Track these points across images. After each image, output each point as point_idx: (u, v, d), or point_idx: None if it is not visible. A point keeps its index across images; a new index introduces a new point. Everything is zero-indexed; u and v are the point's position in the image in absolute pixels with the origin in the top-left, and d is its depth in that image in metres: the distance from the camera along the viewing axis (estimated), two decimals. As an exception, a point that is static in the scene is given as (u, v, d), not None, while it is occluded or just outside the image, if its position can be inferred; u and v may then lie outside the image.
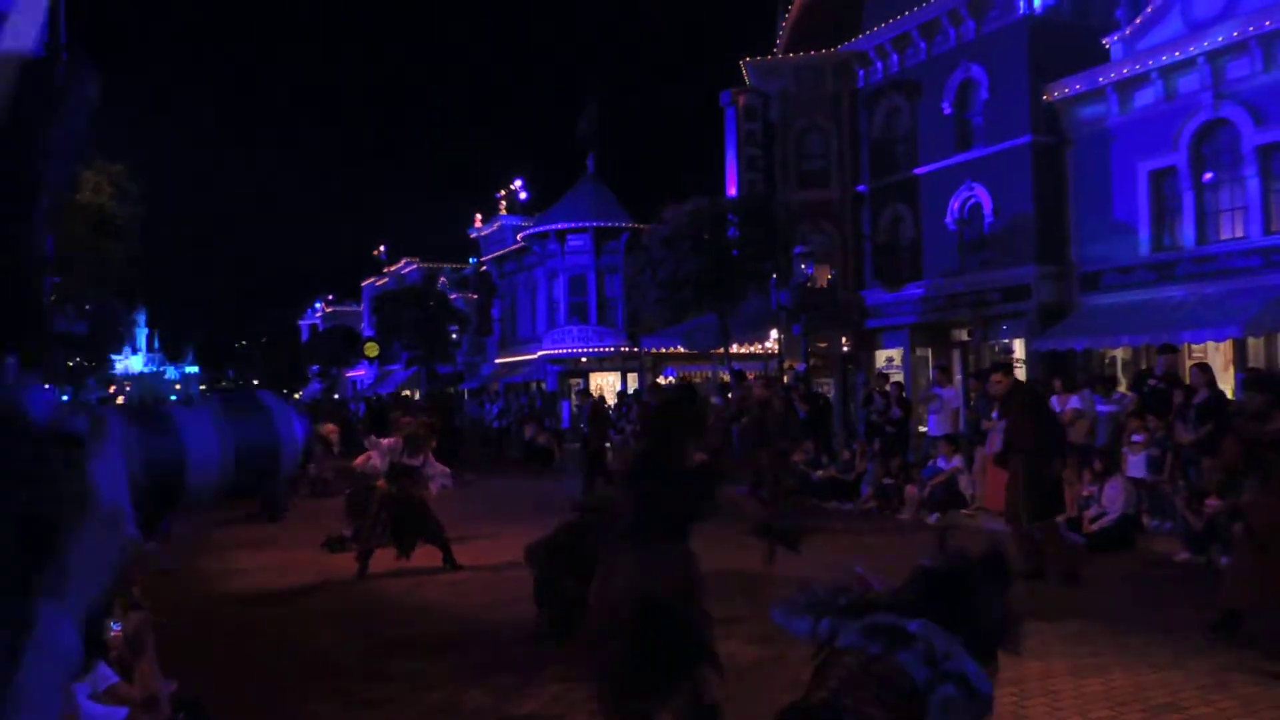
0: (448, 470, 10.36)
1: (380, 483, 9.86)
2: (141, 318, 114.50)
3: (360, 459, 10.57)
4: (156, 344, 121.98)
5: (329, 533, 11.25)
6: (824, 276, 20.94)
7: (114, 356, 72.63)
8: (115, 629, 4.12)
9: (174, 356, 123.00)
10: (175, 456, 0.98)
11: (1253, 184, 16.81)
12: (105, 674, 3.35)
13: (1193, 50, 17.30)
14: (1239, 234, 17.14)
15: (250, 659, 6.97)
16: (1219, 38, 16.90)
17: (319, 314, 66.53)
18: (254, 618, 8.28)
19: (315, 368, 59.68)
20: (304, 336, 67.09)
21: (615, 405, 22.79)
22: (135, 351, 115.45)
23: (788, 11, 25.96)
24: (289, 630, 7.81)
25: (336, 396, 49.81)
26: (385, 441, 10.04)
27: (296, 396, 58.20)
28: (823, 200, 24.43)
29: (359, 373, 57.83)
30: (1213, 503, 9.47)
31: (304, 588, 9.38)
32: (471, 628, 7.59)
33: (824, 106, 24.61)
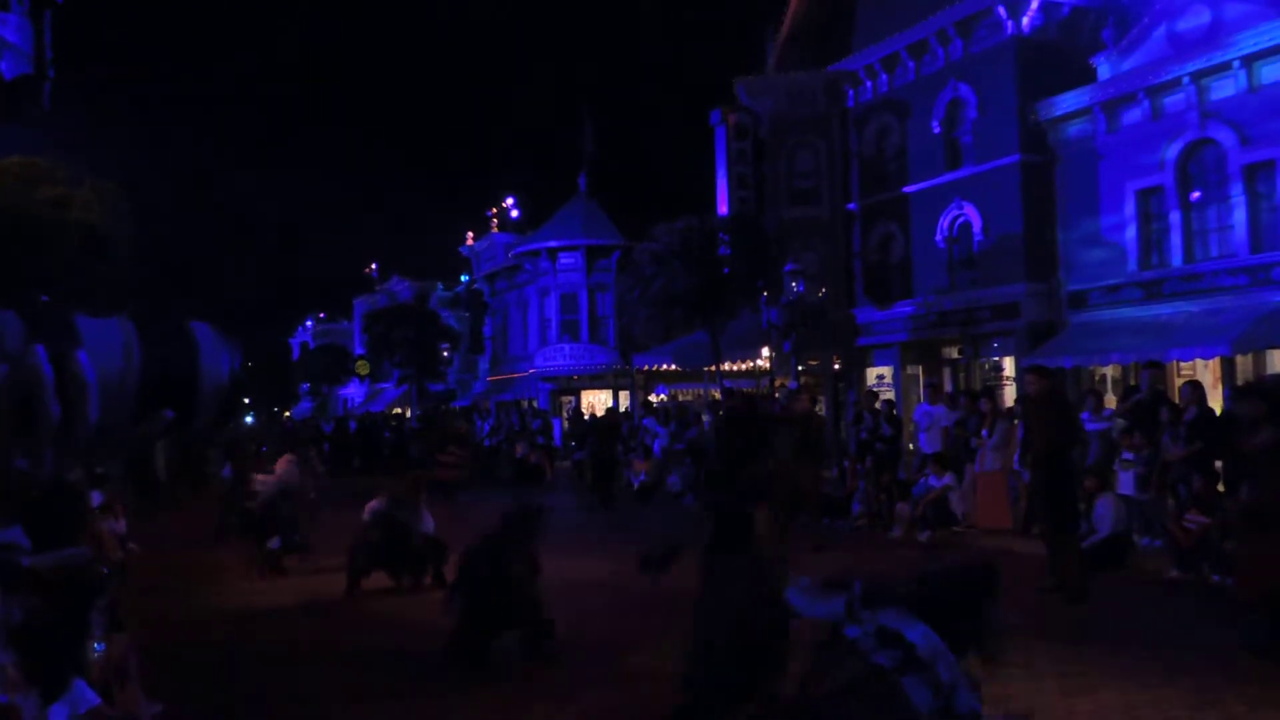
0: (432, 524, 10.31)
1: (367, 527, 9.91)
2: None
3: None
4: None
5: (321, 558, 11.11)
6: (815, 294, 20.99)
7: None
8: (99, 650, 4.08)
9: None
10: (71, 350, 1.13)
11: (1239, 203, 16.93)
12: (87, 696, 3.32)
13: (1179, 70, 17.47)
14: (1226, 252, 17.25)
15: (236, 680, 6.92)
16: (1204, 58, 17.07)
17: (310, 331, 66.46)
18: (241, 638, 8.22)
19: (306, 385, 59.56)
20: (295, 354, 66.98)
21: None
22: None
23: (778, 31, 26.14)
24: (277, 650, 7.75)
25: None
26: (371, 504, 10.13)
27: (287, 414, 58.09)
28: (813, 218, 24.52)
29: (350, 390, 57.73)
30: (1193, 518, 9.50)
31: (293, 606, 9.33)
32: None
33: (814, 125, 24.75)
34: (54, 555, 3.61)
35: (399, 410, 43.60)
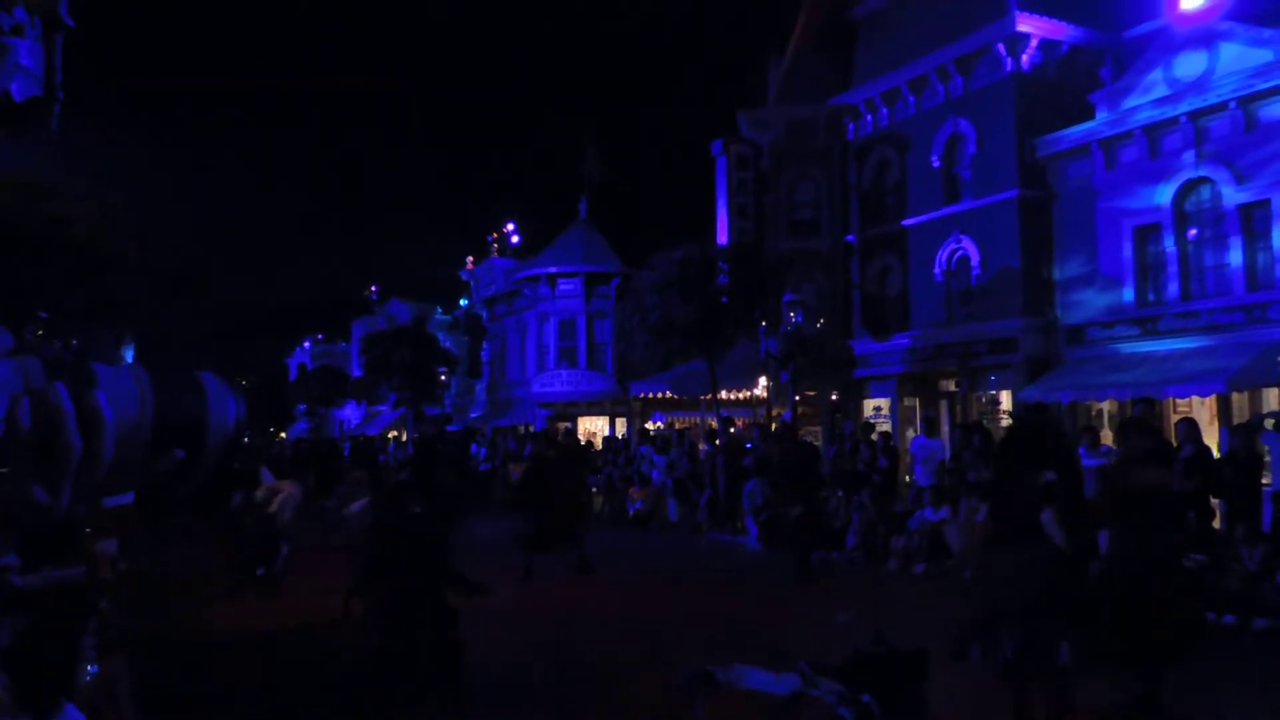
0: None
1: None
2: (129, 353, 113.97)
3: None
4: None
5: (316, 578, 11.05)
6: (813, 325, 21.03)
7: (100, 392, 71.80)
8: (93, 672, 4.06)
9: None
10: (89, 389, 1.12)
11: (1235, 241, 17.05)
12: (75, 718, 3.30)
13: (1175, 110, 17.64)
14: (1223, 290, 17.33)
15: (230, 703, 6.86)
16: (1201, 99, 17.24)
17: (308, 352, 66.43)
18: (234, 658, 8.17)
19: (303, 407, 59.44)
20: (292, 375, 66.89)
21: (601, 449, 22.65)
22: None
23: (780, 63, 26.37)
24: (270, 670, 7.70)
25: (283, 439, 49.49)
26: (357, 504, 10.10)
27: (282, 436, 57.95)
28: (812, 249, 24.64)
29: (346, 413, 57.59)
30: (1189, 557, 9.46)
31: (287, 626, 9.28)
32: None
33: (815, 157, 24.92)
34: (45, 574, 3.60)
35: (394, 433, 43.49)
